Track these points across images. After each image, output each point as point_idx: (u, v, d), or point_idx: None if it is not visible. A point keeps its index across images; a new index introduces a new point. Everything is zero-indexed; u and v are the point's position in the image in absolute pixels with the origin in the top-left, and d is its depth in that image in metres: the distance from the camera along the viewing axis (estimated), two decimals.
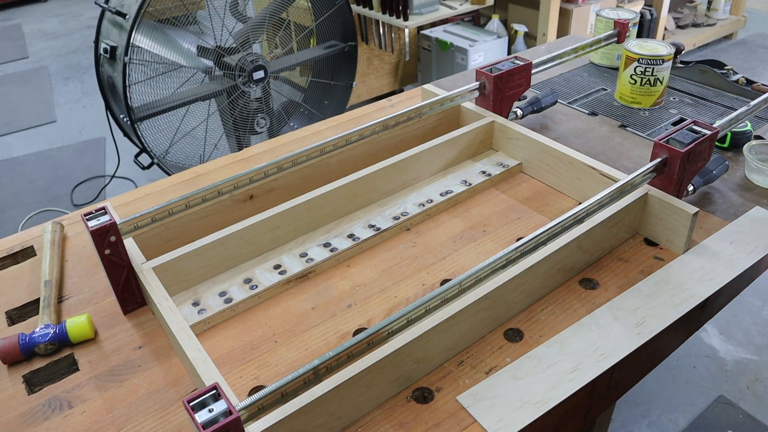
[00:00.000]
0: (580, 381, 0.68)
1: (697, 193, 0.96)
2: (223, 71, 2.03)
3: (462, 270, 0.86)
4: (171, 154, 2.09)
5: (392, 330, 0.64)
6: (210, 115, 2.12)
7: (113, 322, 0.80)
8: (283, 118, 2.33)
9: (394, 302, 0.81)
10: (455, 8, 2.66)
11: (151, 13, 1.87)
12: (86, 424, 0.67)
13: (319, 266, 0.87)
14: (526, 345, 0.73)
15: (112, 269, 0.77)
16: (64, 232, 0.97)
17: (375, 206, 0.98)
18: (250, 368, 0.73)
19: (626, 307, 0.77)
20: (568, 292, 0.80)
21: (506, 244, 0.90)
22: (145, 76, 1.92)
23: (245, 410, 0.55)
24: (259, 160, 1.11)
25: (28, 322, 0.82)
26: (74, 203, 2.61)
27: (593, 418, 0.76)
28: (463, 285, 0.69)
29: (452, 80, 1.38)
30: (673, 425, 1.57)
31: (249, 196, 0.94)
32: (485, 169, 1.04)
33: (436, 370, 0.71)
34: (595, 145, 1.11)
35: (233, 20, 2.07)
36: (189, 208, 0.87)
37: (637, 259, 0.85)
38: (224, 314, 0.80)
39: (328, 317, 0.80)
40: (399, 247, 0.91)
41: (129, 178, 2.71)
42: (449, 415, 0.65)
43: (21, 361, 0.76)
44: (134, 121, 1.91)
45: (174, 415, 0.68)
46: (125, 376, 0.73)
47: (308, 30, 2.32)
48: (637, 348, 0.71)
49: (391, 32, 2.72)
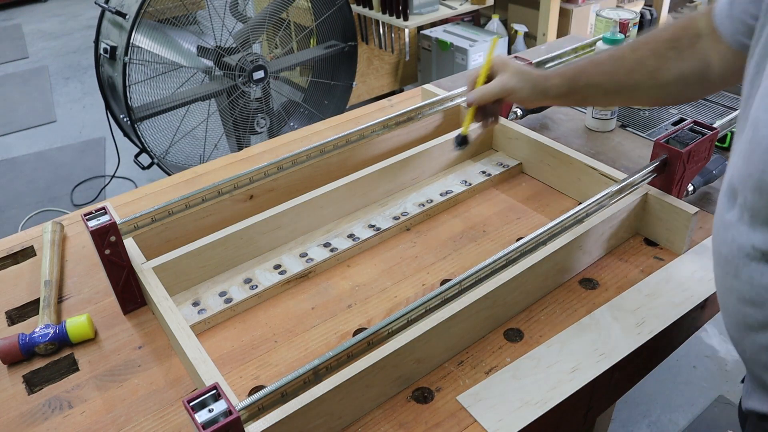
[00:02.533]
0: (580, 381, 0.68)
1: (697, 193, 0.96)
2: (223, 71, 2.03)
3: (462, 270, 0.85)
4: (171, 154, 2.09)
5: (392, 330, 0.64)
6: (210, 115, 2.12)
7: (113, 322, 0.80)
8: (283, 118, 2.33)
9: (394, 302, 0.81)
10: (455, 8, 2.66)
11: (151, 13, 1.86)
12: (86, 424, 0.67)
13: (319, 266, 0.87)
14: (526, 345, 0.73)
15: (112, 269, 0.77)
16: (64, 232, 0.97)
17: (375, 206, 0.98)
18: (250, 368, 0.73)
19: (626, 307, 0.77)
20: (568, 292, 0.80)
21: (506, 244, 0.90)
22: (145, 76, 1.92)
23: (245, 410, 0.55)
24: (259, 160, 1.11)
25: (28, 322, 0.82)
26: (74, 203, 2.61)
27: (593, 418, 0.76)
28: (463, 285, 0.69)
29: (452, 80, 1.38)
30: (673, 425, 1.57)
31: (249, 196, 0.94)
32: (485, 169, 1.04)
33: (436, 370, 0.71)
34: (595, 145, 1.11)
35: (233, 20, 2.07)
36: (189, 208, 0.87)
37: (637, 259, 0.85)
38: (224, 314, 0.80)
39: (328, 317, 0.80)
40: (399, 247, 0.91)
41: (129, 178, 2.71)
42: (449, 415, 0.65)
43: (21, 361, 0.76)
44: (134, 121, 1.91)
45: (174, 415, 0.68)
46: (125, 376, 0.73)
47: (308, 30, 2.32)
48: (637, 348, 0.71)
49: (391, 32, 2.72)
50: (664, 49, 0.78)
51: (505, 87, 0.86)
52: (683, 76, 0.78)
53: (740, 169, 0.53)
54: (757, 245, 0.52)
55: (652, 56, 0.79)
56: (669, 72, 0.78)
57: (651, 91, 0.81)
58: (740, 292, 0.55)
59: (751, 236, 0.53)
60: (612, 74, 0.82)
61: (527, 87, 0.86)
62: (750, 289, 0.54)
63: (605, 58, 0.82)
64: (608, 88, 0.83)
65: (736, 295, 0.56)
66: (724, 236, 0.57)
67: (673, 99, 0.86)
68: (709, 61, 0.76)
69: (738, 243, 0.54)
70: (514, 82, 0.86)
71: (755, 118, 0.52)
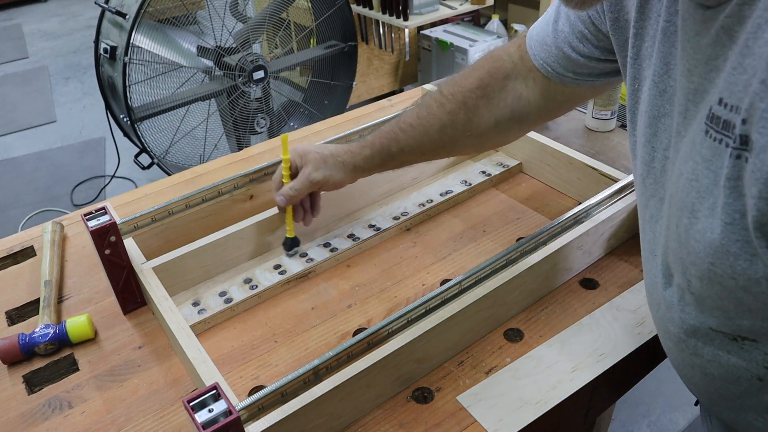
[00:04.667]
0: (580, 381, 0.68)
1: None
2: (223, 71, 2.03)
3: (462, 270, 0.85)
4: (171, 154, 2.09)
5: (392, 330, 0.65)
6: (210, 115, 2.12)
7: (113, 322, 0.80)
8: (283, 118, 2.33)
9: (394, 302, 0.81)
10: (455, 8, 2.66)
11: (151, 13, 1.86)
12: (86, 424, 0.67)
13: (319, 266, 0.87)
14: (526, 345, 0.73)
15: (112, 269, 0.77)
16: (64, 232, 0.97)
17: (375, 206, 0.98)
18: (250, 368, 0.73)
19: (626, 307, 0.77)
20: (568, 292, 0.80)
21: (506, 244, 0.90)
22: (145, 76, 1.92)
23: (245, 410, 0.55)
24: (259, 160, 1.11)
25: (28, 322, 0.82)
26: (74, 203, 2.61)
27: (593, 418, 0.76)
28: (463, 285, 0.69)
29: None
30: (673, 425, 1.57)
31: (249, 196, 0.94)
32: (485, 169, 1.04)
33: (436, 370, 0.71)
34: (595, 145, 1.11)
35: (233, 20, 2.07)
36: (189, 208, 0.87)
37: (637, 259, 0.85)
38: (224, 314, 0.80)
39: (328, 317, 0.80)
40: (399, 247, 0.91)
41: (129, 178, 2.71)
42: (449, 415, 0.65)
43: (21, 361, 0.76)
44: (134, 121, 1.91)
45: (174, 415, 0.68)
46: (125, 376, 0.73)
47: (308, 30, 2.32)
48: (637, 348, 0.71)
49: (391, 32, 2.72)
50: (473, 99, 0.74)
51: (312, 180, 0.80)
52: (499, 123, 0.75)
53: (677, 253, 0.49)
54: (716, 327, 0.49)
55: (462, 109, 0.75)
56: (483, 121, 0.75)
57: (469, 142, 0.78)
58: (706, 369, 0.52)
59: (702, 319, 0.49)
60: (424, 136, 0.77)
61: (335, 171, 0.80)
62: (718, 367, 0.51)
63: (414, 119, 0.78)
64: (424, 149, 0.79)
65: (701, 370, 0.53)
66: (668, 314, 0.54)
67: (494, 143, 0.84)
68: (523, 100, 0.73)
69: (689, 324, 0.51)
70: (320, 173, 0.80)
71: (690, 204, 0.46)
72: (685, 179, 0.47)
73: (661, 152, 0.53)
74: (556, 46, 0.68)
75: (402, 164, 0.83)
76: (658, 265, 0.55)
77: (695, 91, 0.46)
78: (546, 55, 0.69)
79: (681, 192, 0.47)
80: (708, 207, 0.43)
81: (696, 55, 0.46)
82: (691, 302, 0.50)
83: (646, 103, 0.54)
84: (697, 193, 0.45)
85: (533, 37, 0.71)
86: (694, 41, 0.46)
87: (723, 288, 0.44)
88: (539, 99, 0.73)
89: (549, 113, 0.76)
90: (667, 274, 0.53)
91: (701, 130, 0.44)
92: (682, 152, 0.48)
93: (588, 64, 0.67)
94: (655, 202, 0.55)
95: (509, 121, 0.75)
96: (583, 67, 0.68)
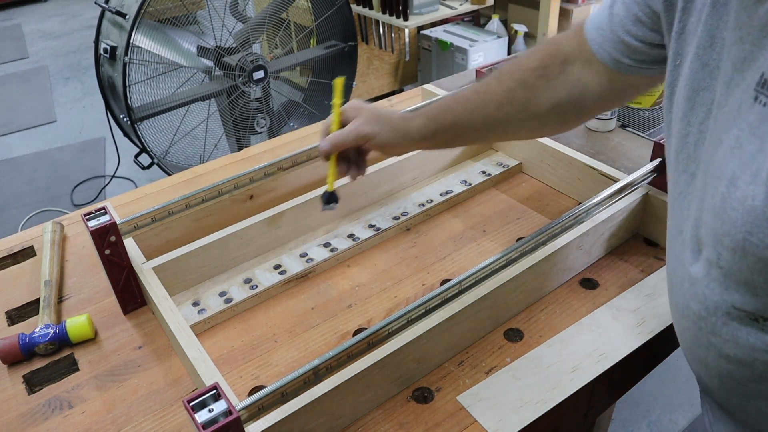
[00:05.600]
0: (580, 381, 0.68)
1: None
2: (223, 71, 2.03)
3: (462, 270, 0.86)
4: (171, 154, 2.09)
5: (392, 330, 0.65)
6: (210, 115, 2.12)
7: (113, 322, 0.80)
8: (283, 118, 2.33)
9: (394, 302, 0.81)
10: (455, 8, 2.66)
11: (151, 13, 1.86)
12: (86, 424, 0.67)
13: (319, 266, 0.87)
14: (526, 345, 0.73)
15: (112, 269, 0.77)
16: (64, 232, 0.97)
17: (375, 206, 0.98)
18: (250, 368, 0.73)
19: (626, 307, 0.77)
20: (568, 292, 0.80)
21: (506, 244, 0.90)
22: (145, 76, 1.92)
23: (245, 410, 0.55)
24: (259, 160, 1.11)
25: (28, 322, 0.82)
26: (74, 203, 2.61)
27: (593, 418, 0.76)
28: (463, 285, 0.69)
29: (452, 80, 1.38)
30: (673, 425, 1.57)
31: (249, 196, 0.94)
32: (485, 169, 1.04)
33: (436, 370, 0.71)
34: (595, 145, 1.11)
35: (233, 20, 2.07)
36: (189, 208, 0.87)
37: (637, 259, 0.85)
38: (224, 314, 0.80)
39: (328, 317, 0.80)
40: (399, 247, 0.91)
41: (129, 178, 2.71)
42: (449, 415, 0.65)
43: (21, 361, 0.76)
44: (134, 121, 1.91)
45: (174, 415, 0.68)
46: (125, 376, 0.73)
47: (308, 30, 2.32)
48: (637, 348, 0.71)
49: (391, 32, 2.72)
50: (532, 79, 0.73)
51: (360, 132, 0.75)
52: (557, 106, 0.73)
53: (710, 225, 0.49)
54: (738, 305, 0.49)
55: (520, 87, 0.73)
56: (541, 103, 0.73)
57: (526, 124, 0.76)
58: (722, 350, 0.52)
59: (726, 295, 0.50)
60: (481, 110, 0.75)
61: (385, 131, 0.76)
62: (735, 348, 0.51)
63: (471, 93, 0.76)
64: (478, 125, 0.76)
65: (716, 351, 0.53)
66: (691, 291, 0.54)
67: (551, 129, 0.81)
68: (581, 85, 0.72)
69: (712, 301, 0.51)
70: (369, 126, 0.76)
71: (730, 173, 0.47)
72: (725, 148, 0.47)
73: (696, 126, 0.54)
74: (611, 30, 0.68)
75: (454, 140, 0.81)
76: (685, 241, 0.55)
77: (743, 59, 0.47)
78: (602, 40, 0.69)
79: (719, 161, 0.48)
80: (750, 174, 0.44)
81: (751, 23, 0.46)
82: (718, 277, 0.50)
83: (687, 77, 0.55)
84: (740, 160, 0.46)
85: (591, 22, 0.71)
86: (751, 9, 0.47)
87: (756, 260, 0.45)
88: (596, 86, 0.72)
89: (607, 102, 0.75)
90: (695, 249, 0.54)
91: (749, 97, 0.45)
92: (721, 122, 0.49)
93: (642, 49, 0.66)
94: (686, 177, 0.56)
95: (567, 105, 0.74)
96: (638, 53, 0.67)
